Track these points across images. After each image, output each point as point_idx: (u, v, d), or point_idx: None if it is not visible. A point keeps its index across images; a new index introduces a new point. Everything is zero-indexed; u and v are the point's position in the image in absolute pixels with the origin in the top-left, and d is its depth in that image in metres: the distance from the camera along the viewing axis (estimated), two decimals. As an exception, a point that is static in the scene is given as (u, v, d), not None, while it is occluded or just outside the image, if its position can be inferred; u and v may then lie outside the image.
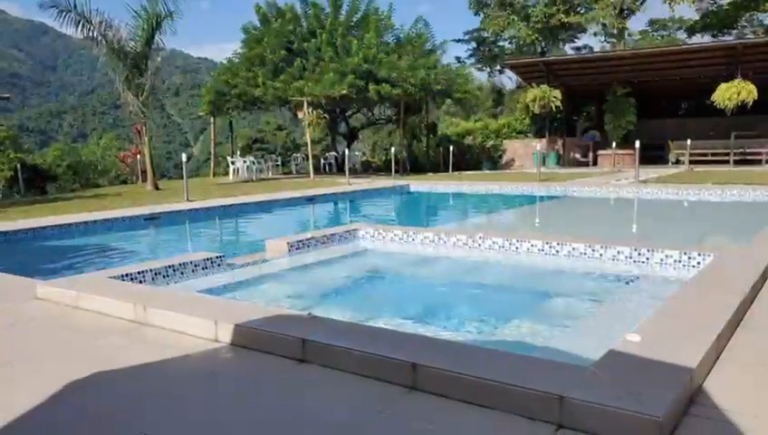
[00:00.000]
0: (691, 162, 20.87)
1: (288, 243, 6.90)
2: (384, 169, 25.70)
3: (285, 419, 2.65)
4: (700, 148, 21.72)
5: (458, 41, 43.85)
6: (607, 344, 3.12)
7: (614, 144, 22.51)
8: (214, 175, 26.22)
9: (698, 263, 5.60)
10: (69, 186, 23.32)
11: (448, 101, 27.94)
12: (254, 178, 22.02)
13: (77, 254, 8.54)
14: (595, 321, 4.73)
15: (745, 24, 36.03)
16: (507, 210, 13.80)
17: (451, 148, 23.42)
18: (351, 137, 30.02)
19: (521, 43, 37.09)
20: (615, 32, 35.83)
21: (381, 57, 22.61)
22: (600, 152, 24.53)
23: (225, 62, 27.23)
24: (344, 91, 21.46)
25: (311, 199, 14.27)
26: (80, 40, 17.76)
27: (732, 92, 20.30)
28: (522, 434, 2.41)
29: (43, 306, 4.64)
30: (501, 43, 42.52)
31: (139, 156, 23.47)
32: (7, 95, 19.45)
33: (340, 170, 24.77)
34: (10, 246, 8.82)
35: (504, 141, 27.38)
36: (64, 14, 16.47)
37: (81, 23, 16.69)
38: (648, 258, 5.98)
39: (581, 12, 34.35)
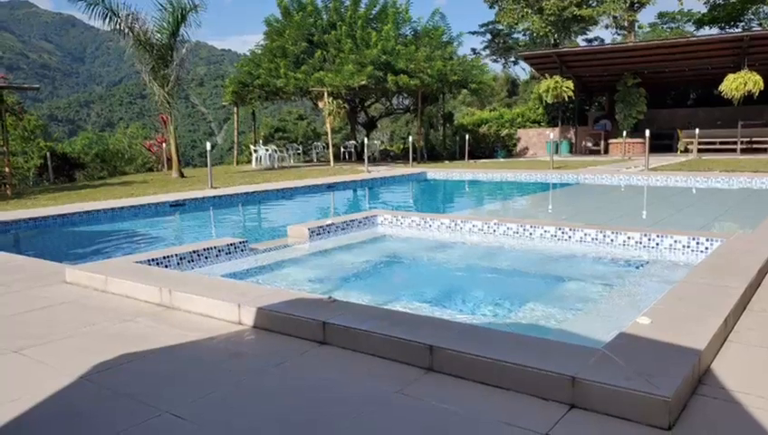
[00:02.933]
0: (699, 151, 21.04)
1: (309, 229, 7.02)
2: (402, 157, 25.74)
3: (307, 398, 2.74)
4: (708, 136, 21.79)
5: (474, 33, 43.82)
6: (618, 327, 3.19)
7: (625, 133, 22.60)
8: (237, 163, 26.41)
9: (707, 248, 5.64)
10: (96, 174, 23.63)
11: (464, 91, 27.94)
12: (275, 167, 22.17)
13: (105, 239, 8.72)
14: (606, 304, 4.76)
15: (752, 16, 36.60)
16: (521, 197, 13.80)
17: (467, 137, 23.53)
18: (370, 126, 30.11)
19: (534, 35, 37.03)
20: (626, 24, 35.93)
21: (399, 49, 22.71)
22: (611, 141, 24.51)
23: (247, 53, 27.47)
24: (363, 82, 21.54)
25: (331, 187, 14.37)
26: (107, 32, 18.01)
27: (739, 83, 20.42)
28: (535, 414, 2.47)
29: (72, 290, 4.75)
30: (515, 36, 42.48)
31: (164, 144, 23.74)
32: (37, 86, 19.70)
33: (360, 159, 24.86)
34: (40, 232, 9.03)
35: (518, 130, 27.62)
36: (92, 7, 16.70)
37: (108, 15, 16.91)
38: (657, 243, 6.02)
39: (593, 5, 34.27)
